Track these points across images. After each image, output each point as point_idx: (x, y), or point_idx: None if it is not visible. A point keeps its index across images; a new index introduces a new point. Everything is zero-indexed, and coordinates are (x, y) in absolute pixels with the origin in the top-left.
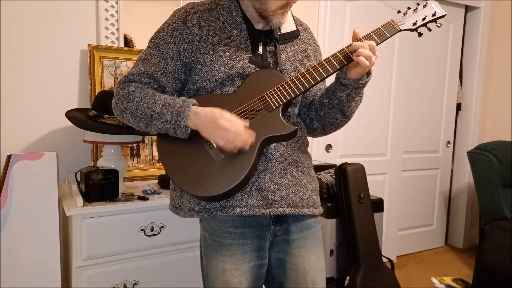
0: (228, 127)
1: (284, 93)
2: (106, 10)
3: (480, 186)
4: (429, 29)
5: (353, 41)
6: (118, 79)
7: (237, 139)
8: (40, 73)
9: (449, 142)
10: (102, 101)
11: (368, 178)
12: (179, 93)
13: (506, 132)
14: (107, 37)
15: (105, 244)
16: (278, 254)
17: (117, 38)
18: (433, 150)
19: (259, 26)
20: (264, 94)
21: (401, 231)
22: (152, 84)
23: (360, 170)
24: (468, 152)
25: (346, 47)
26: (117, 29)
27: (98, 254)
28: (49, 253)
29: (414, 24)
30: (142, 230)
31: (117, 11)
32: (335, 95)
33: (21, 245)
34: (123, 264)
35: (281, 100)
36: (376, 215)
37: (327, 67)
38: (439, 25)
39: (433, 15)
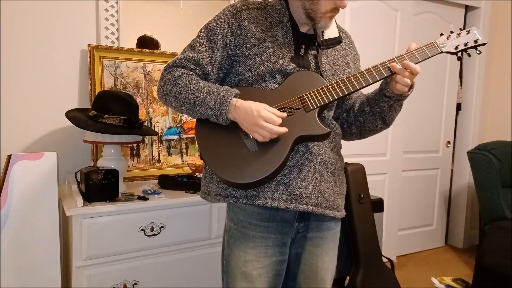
0: (264, 126)
1: (323, 96)
2: (106, 10)
3: (480, 186)
4: (469, 55)
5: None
6: (167, 64)
7: (271, 136)
8: (40, 73)
9: (449, 142)
10: (102, 101)
11: (368, 178)
12: (220, 84)
13: (506, 132)
14: (107, 37)
15: (105, 244)
16: (297, 249)
17: (117, 38)
18: (433, 150)
19: (304, 29)
20: (304, 94)
21: (401, 231)
22: (197, 70)
23: (360, 170)
24: (468, 152)
25: (388, 61)
26: (117, 29)
27: (98, 254)
28: (49, 253)
29: (456, 48)
30: (142, 230)
31: (117, 11)
32: (377, 104)
33: (21, 245)
34: (123, 264)
35: (319, 102)
36: (376, 215)
37: (367, 77)
38: (478, 52)
39: (475, 41)
